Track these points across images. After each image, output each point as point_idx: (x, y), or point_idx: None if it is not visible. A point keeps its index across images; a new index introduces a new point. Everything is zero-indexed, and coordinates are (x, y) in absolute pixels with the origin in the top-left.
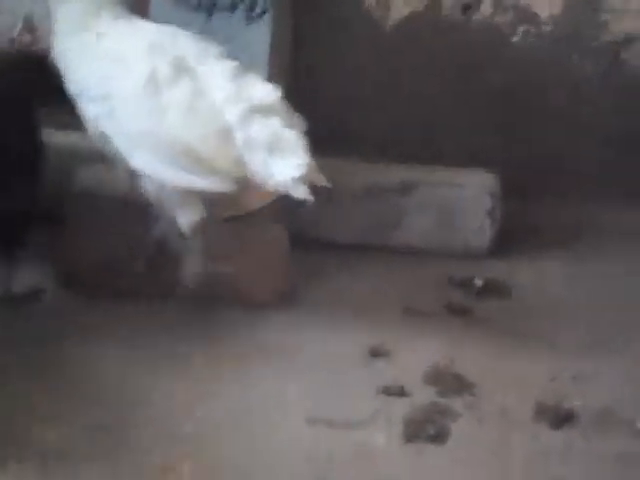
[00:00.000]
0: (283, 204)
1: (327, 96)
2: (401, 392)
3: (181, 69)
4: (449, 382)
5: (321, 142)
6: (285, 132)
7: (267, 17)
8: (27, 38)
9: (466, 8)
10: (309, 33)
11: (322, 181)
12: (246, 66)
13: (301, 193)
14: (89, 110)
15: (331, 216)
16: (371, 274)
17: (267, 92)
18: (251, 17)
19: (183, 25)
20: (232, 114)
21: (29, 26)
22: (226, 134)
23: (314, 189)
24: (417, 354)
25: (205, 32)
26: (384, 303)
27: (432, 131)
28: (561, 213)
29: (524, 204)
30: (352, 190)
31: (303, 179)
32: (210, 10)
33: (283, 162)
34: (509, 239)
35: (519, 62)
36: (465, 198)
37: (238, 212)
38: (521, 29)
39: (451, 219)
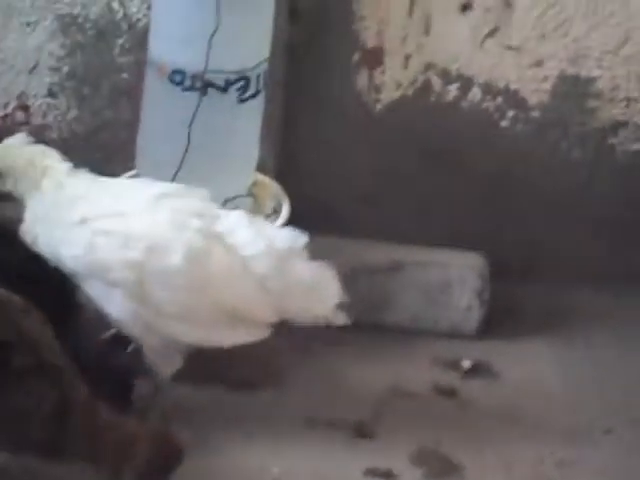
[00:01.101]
0: None
1: (316, 176)
2: (388, 474)
3: (207, 234)
4: (436, 464)
5: (308, 221)
6: (315, 270)
7: (260, 97)
8: (20, 116)
9: (465, 7)
10: (300, 113)
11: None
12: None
13: (342, 319)
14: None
15: None
16: (359, 353)
17: (290, 238)
18: (244, 97)
19: (176, 105)
20: (263, 266)
21: (22, 104)
22: (262, 286)
23: None
24: (404, 435)
25: (197, 112)
26: (371, 382)
27: (420, 212)
28: (548, 296)
29: (510, 286)
30: (340, 269)
31: (341, 306)
32: (203, 90)
33: (320, 296)
34: (496, 320)
35: (507, 147)
36: (454, 278)
37: None
38: (510, 114)
39: (439, 299)
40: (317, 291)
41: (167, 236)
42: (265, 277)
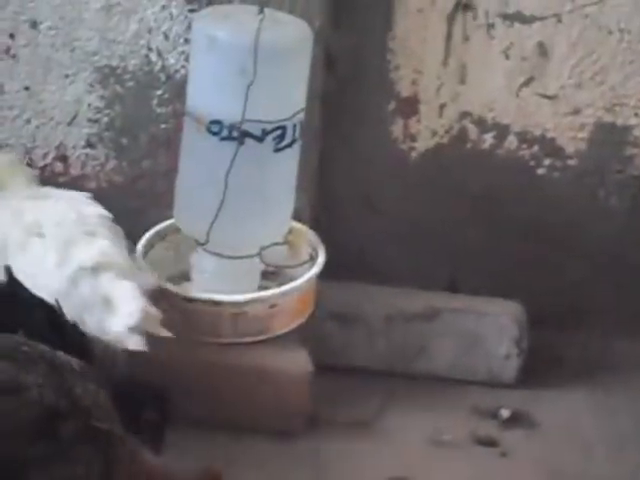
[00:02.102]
0: (309, 329)
1: (352, 223)
2: None
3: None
4: None
5: (344, 269)
6: (117, 285)
7: (296, 146)
8: (59, 167)
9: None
10: (335, 162)
11: (162, 332)
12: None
13: (135, 344)
14: None
15: (355, 342)
16: (395, 401)
17: (98, 251)
18: (280, 147)
19: (213, 155)
20: (61, 279)
21: (61, 155)
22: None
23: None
24: None
25: (234, 161)
26: (408, 431)
27: (457, 260)
28: (586, 344)
29: (549, 335)
30: (376, 316)
31: (137, 329)
32: (241, 139)
33: (116, 315)
34: (534, 369)
35: (544, 195)
36: (492, 326)
37: (264, 336)
38: (546, 162)
39: (477, 347)
40: (114, 307)
41: None
42: (62, 291)
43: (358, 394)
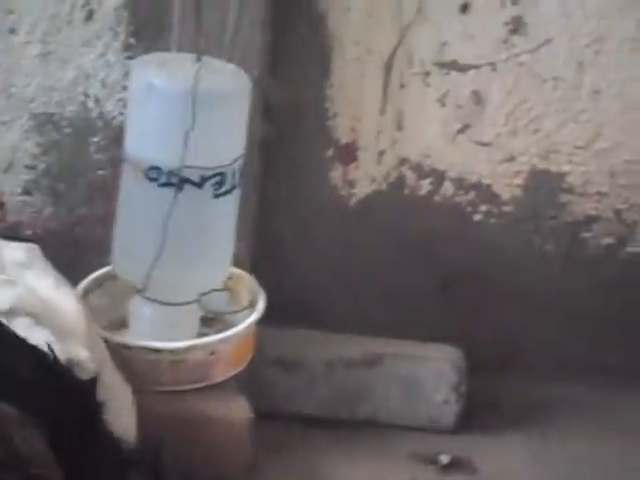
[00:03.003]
0: (249, 375)
1: (291, 269)
2: None
3: None
4: None
5: (284, 314)
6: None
7: (235, 192)
8: None
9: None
10: (275, 207)
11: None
12: None
13: None
14: None
15: (296, 388)
16: (335, 448)
17: (15, 296)
18: (220, 193)
19: (152, 201)
20: None
21: None
22: None
23: None
24: None
25: (173, 207)
26: (351, 478)
27: (396, 305)
28: (524, 391)
29: (488, 380)
30: (317, 362)
31: None
32: (179, 185)
33: None
34: (473, 415)
35: (481, 240)
36: (431, 371)
37: (203, 383)
38: (483, 208)
39: (417, 393)
40: None
41: None
42: None
43: (299, 441)
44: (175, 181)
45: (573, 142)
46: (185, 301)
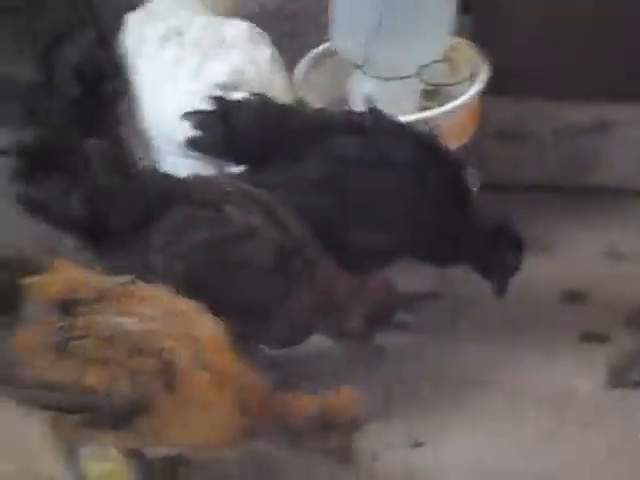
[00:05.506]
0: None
1: (514, 39)
2: (604, 338)
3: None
4: None
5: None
6: None
7: None
8: None
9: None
10: None
11: None
12: None
13: None
14: None
15: (523, 157)
16: (567, 217)
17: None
18: None
19: None
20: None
21: None
22: None
23: None
24: (619, 298)
25: None
26: (582, 246)
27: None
28: None
29: None
30: (544, 131)
31: None
32: None
33: None
34: None
35: None
36: None
37: None
38: None
39: None
40: None
41: None
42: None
43: (528, 210)
44: None
45: None
46: (405, 75)
